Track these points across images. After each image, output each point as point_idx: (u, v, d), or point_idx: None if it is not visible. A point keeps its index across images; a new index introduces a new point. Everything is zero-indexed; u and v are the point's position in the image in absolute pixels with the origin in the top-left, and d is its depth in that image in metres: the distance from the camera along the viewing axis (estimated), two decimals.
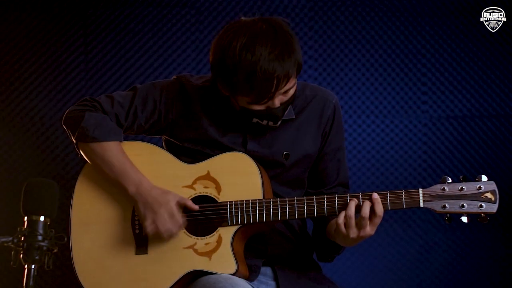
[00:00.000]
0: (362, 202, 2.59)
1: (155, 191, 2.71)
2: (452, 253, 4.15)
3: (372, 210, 2.58)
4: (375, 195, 2.59)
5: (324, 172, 2.86)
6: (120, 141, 2.81)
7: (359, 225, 2.58)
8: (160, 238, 2.70)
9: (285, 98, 2.68)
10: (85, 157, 2.82)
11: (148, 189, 2.72)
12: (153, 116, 2.83)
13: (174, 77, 2.89)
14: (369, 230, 2.59)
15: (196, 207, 2.71)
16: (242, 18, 2.69)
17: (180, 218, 2.69)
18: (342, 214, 2.60)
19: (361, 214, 2.58)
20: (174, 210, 2.68)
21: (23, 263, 2.26)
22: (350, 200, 2.61)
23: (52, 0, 4.18)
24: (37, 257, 2.25)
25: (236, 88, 2.63)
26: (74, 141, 2.82)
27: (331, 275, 2.96)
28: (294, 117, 2.81)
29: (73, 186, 2.84)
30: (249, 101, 2.65)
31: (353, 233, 2.58)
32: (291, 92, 2.68)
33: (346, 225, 2.59)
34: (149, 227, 2.69)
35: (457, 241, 4.16)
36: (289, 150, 2.80)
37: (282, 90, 2.64)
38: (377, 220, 2.59)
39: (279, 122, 2.75)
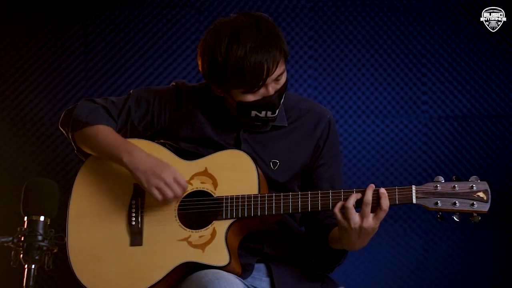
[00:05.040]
0: (363, 192, 2.62)
1: (151, 158, 2.74)
2: (452, 253, 4.15)
3: (378, 204, 2.59)
4: (382, 190, 2.61)
5: (317, 188, 2.87)
6: (114, 128, 2.85)
7: (362, 213, 2.60)
8: (166, 203, 2.73)
9: (278, 86, 2.73)
10: (82, 147, 2.85)
11: (143, 156, 2.74)
12: (146, 117, 2.88)
13: (173, 83, 2.95)
14: (372, 222, 2.60)
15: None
16: (221, 18, 2.77)
17: (183, 180, 2.72)
18: (339, 204, 2.62)
19: (364, 201, 2.60)
20: (177, 173, 2.71)
21: (23, 263, 2.26)
22: (351, 194, 2.63)
23: (52, 0, 4.18)
24: (37, 257, 2.26)
25: (229, 82, 2.69)
26: (71, 136, 2.86)
27: (331, 275, 2.96)
28: (286, 124, 2.86)
29: (72, 183, 2.85)
30: (244, 91, 2.70)
31: (355, 223, 2.59)
32: (283, 79, 2.74)
33: (345, 216, 2.60)
34: (156, 194, 2.71)
35: (457, 241, 4.16)
36: (278, 158, 2.84)
37: (274, 76, 2.69)
38: (382, 214, 2.60)
39: (277, 112, 2.78)
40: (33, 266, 2.25)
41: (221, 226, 2.71)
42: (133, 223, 2.77)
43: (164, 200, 2.72)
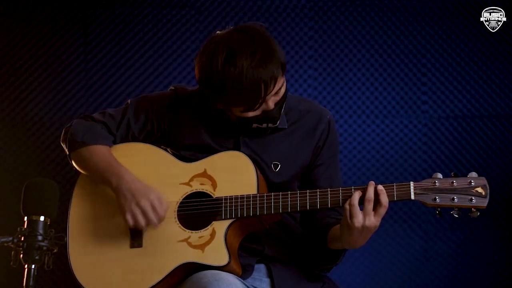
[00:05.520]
0: (365, 190, 2.62)
1: (137, 183, 2.74)
2: (452, 253, 4.15)
3: (378, 201, 2.60)
4: (380, 187, 2.61)
5: (315, 188, 2.85)
6: (110, 146, 2.84)
7: (364, 212, 2.59)
8: (140, 229, 2.74)
9: (277, 98, 2.73)
10: (78, 167, 2.86)
11: (128, 181, 2.74)
12: (146, 127, 2.88)
13: (171, 87, 2.95)
14: (374, 220, 2.60)
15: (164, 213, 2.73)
16: (218, 32, 2.74)
17: (162, 210, 2.71)
18: (347, 201, 2.62)
19: (366, 198, 2.60)
20: (156, 202, 2.70)
21: (23, 263, 2.26)
22: (354, 191, 2.64)
23: (52, 0, 4.18)
24: (37, 257, 2.26)
25: (228, 102, 2.70)
26: (68, 153, 2.87)
27: (331, 275, 2.96)
28: (286, 127, 2.86)
29: (73, 186, 2.85)
30: (243, 110, 2.71)
31: (358, 222, 2.59)
32: (282, 90, 2.74)
33: (350, 214, 2.60)
34: (129, 220, 2.70)
35: (457, 241, 4.16)
36: (279, 160, 2.84)
37: (273, 92, 2.69)
38: (382, 211, 2.60)
39: (278, 122, 2.79)
40: (33, 266, 2.25)
41: (220, 226, 2.71)
42: None
43: (135, 226, 2.72)
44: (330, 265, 2.86)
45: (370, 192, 2.60)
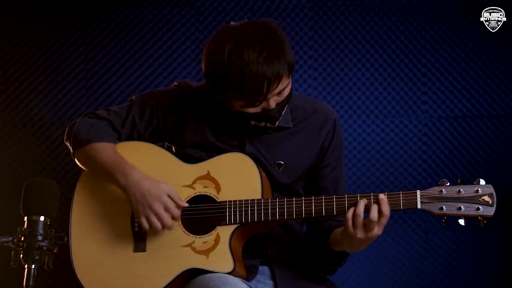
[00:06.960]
0: (371, 204, 2.59)
1: (146, 183, 2.70)
2: (452, 253, 4.15)
3: (379, 210, 2.58)
4: (382, 196, 2.58)
5: (321, 189, 2.86)
6: (114, 144, 2.82)
7: (367, 227, 2.58)
8: (157, 233, 2.71)
9: (280, 98, 2.70)
10: (82, 165, 2.84)
11: (137, 179, 2.70)
12: (152, 124, 2.85)
13: (175, 83, 2.91)
14: (376, 231, 2.59)
15: (184, 204, 2.71)
16: (232, 23, 2.71)
17: (175, 210, 2.69)
18: (351, 210, 2.60)
19: (369, 217, 2.57)
20: (169, 203, 2.68)
21: (23, 263, 2.26)
22: (360, 199, 2.61)
23: (52, 0, 4.18)
24: (37, 257, 2.26)
25: (229, 94, 2.67)
26: (72, 151, 2.84)
27: (333, 279, 2.96)
28: (291, 126, 2.82)
29: (73, 186, 2.85)
30: (243, 104, 2.68)
31: (360, 233, 2.58)
32: (286, 92, 2.70)
33: (354, 224, 2.59)
34: (144, 223, 2.69)
35: (457, 241, 4.16)
36: (283, 160, 2.81)
37: (275, 91, 2.66)
38: (384, 220, 2.58)
39: (277, 123, 2.77)
40: (33, 266, 2.25)
41: (224, 232, 2.68)
42: (136, 228, 2.75)
43: (152, 230, 2.69)
44: (335, 266, 2.85)
45: (374, 213, 2.57)
